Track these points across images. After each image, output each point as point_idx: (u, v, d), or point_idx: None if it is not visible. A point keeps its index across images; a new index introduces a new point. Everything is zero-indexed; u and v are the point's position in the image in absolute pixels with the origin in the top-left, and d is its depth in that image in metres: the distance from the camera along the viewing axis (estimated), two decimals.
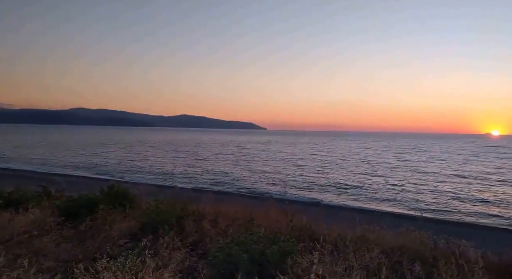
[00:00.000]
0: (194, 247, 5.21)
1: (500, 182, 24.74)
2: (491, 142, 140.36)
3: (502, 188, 22.30)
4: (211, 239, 5.45)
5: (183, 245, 4.99)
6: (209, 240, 5.41)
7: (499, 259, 5.13)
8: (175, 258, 4.34)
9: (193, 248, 5.15)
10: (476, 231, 11.57)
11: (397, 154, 53.17)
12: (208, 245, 5.00)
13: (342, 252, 5.07)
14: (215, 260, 4.01)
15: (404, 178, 25.89)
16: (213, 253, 4.15)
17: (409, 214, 13.93)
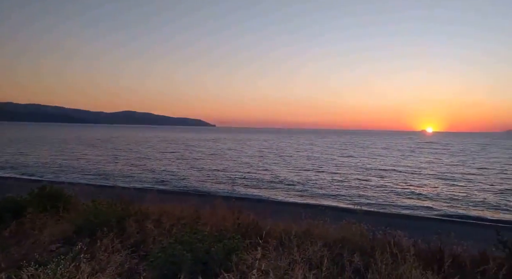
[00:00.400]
0: (135, 248, 4.97)
1: (431, 176, 26.97)
2: (425, 138, 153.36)
3: (433, 181, 24.32)
4: (154, 240, 5.25)
5: (123, 247, 4.74)
6: (152, 241, 5.19)
7: (428, 246, 5.55)
8: (114, 261, 4.10)
9: (135, 249, 4.92)
10: (410, 222, 12.49)
11: (341, 151, 55.76)
12: (150, 246, 4.79)
13: (287, 247, 5.16)
14: (157, 261, 3.86)
15: (348, 174, 27.17)
16: (155, 254, 3.98)
17: (351, 208, 14.69)
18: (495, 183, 23.37)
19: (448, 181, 24.43)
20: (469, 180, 24.97)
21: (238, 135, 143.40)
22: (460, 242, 5.73)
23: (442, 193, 19.83)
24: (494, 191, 20.62)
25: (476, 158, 45.00)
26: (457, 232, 6.15)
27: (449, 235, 5.84)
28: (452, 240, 5.69)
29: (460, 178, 25.97)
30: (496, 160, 41.93)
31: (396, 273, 4.10)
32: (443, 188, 21.55)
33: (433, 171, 30.28)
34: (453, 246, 5.55)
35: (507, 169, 31.93)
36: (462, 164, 36.89)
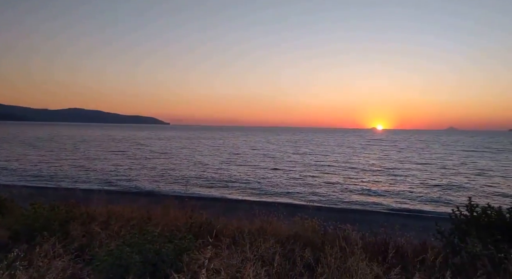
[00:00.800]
0: (80, 253, 4.69)
1: (380, 172, 28.43)
2: (375, 135, 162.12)
3: (382, 177, 25.66)
4: (101, 243, 4.99)
5: (66, 251, 4.46)
6: (98, 244, 4.93)
7: (375, 239, 5.85)
8: (55, 267, 3.84)
9: (79, 254, 4.65)
10: (359, 216, 13.11)
11: (296, 148, 56.99)
12: (96, 250, 4.55)
13: (240, 244, 5.17)
14: (103, 264, 3.67)
15: (302, 171, 27.83)
16: (101, 258, 3.78)
17: (304, 204, 15.10)
18: (436, 178, 25.13)
19: (395, 176, 25.90)
20: (414, 175, 26.63)
21: (193, 133, 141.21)
22: (404, 234, 6.13)
23: (389, 188, 20.99)
24: (435, 185, 22.16)
25: (421, 154, 48.28)
26: (401, 225, 6.57)
27: (394, 227, 6.22)
28: (397, 232, 6.07)
29: (406, 173, 27.62)
30: (437, 156, 45.32)
31: (344, 266, 4.26)
32: (391, 183, 22.83)
33: (382, 167, 31.98)
34: (397, 237, 5.90)
35: (447, 164, 34.62)
36: (408, 160, 39.27)
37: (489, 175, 27.03)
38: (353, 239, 5.61)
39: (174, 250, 4.11)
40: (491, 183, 23.17)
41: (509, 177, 26.27)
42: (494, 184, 22.82)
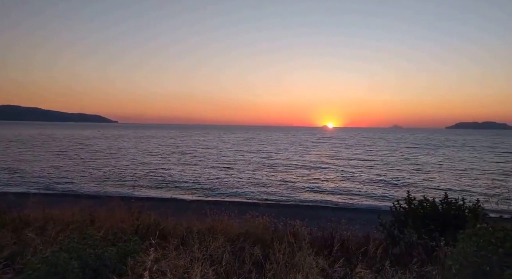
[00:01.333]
0: (10, 262, 4.28)
1: (329, 169, 29.50)
2: (326, 133, 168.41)
3: (331, 173, 26.69)
4: (35, 250, 4.60)
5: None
6: (32, 252, 4.54)
7: (322, 234, 6.03)
8: None
9: (9, 263, 4.23)
10: (309, 212, 13.51)
11: (249, 147, 57.23)
12: (29, 257, 4.18)
13: (189, 245, 5.06)
14: (36, 273, 3.36)
15: (255, 169, 28.04)
16: (33, 266, 3.47)
17: (255, 202, 15.22)
18: (381, 174, 26.62)
19: (343, 173, 27.01)
20: (361, 171, 27.95)
21: (143, 132, 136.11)
22: (350, 228, 6.40)
23: (338, 184, 21.86)
24: (380, 180, 23.48)
25: (368, 151, 50.89)
26: (348, 219, 6.84)
27: (340, 221, 6.48)
28: (343, 226, 6.32)
29: (354, 170, 28.91)
30: (383, 153, 48.02)
31: (292, 261, 4.34)
32: (339, 179, 23.78)
33: (331, 164, 33.19)
34: (343, 231, 6.15)
35: (391, 160, 36.78)
36: (356, 157, 41.16)
37: (427, 170, 29.18)
38: (301, 234, 5.75)
39: (118, 254, 3.90)
40: (429, 177, 25.01)
41: (444, 171, 28.56)
42: (431, 178, 24.68)
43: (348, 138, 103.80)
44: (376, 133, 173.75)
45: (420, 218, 5.29)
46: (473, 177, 25.12)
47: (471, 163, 34.94)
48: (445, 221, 5.11)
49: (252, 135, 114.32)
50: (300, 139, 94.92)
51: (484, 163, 35.30)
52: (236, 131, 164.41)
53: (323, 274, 4.07)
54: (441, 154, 46.66)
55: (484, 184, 21.85)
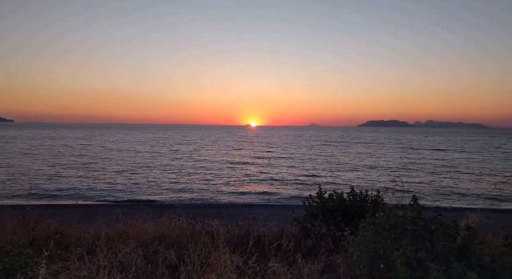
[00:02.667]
0: None
1: (250, 165, 29.92)
2: (249, 132, 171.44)
3: (251, 170, 27.03)
4: None
5: None
6: None
7: (239, 231, 6.08)
8: None
9: None
10: (228, 210, 13.54)
11: (170, 146, 55.26)
12: None
13: (96, 253, 4.65)
14: None
15: (174, 170, 27.15)
16: None
17: (172, 203, 14.77)
18: (298, 170, 27.82)
19: (262, 168, 27.65)
20: (280, 167, 29.05)
21: (46, 132, 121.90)
22: (267, 223, 6.57)
23: (256, 180, 22.38)
24: (298, 175, 24.63)
25: (287, 149, 53.03)
26: (265, 215, 7.01)
27: (257, 218, 6.61)
28: (260, 223, 6.46)
29: (273, 165, 29.90)
30: (302, 150, 50.48)
31: (207, 261, 4.28)
32: (258, 176, 24.33)
33: (252, 161, 33.81)
34: (260, 227, 6.29)
35: (308, 157, 38.76)
36: (275, 155, 42.45)
37: (341, 165, 31.54)
38: (218, 233, 5.73)
39: (4, 270, 3.38)
40: (342, 172, 27.04)
41: (355, 165, 31.04)
42: (342, 172, 26.81)
43: (269, 137, 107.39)
44: (297, 131, 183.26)
45: (329, 211, 5.66)
46: (377, 171, 27.87)
47: (377, 158, 38.79)
48: (351, 212, 5.56)
49: (172, 134, 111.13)
50: (223, 137, 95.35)
51: (388, 158, 39.46)
52: (157, 131, 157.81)
53: (238, 271, 4.09)
54: (354, 151, 51.09)
55: (387, 177, 24.39)
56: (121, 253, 4.64)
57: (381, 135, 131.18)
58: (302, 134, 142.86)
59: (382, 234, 3.51)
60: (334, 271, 4.07)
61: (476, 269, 2.77)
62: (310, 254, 4.77)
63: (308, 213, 5.87)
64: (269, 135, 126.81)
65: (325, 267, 4.14)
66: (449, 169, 29.01)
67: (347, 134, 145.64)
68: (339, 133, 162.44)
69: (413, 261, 2.98)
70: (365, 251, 3.51)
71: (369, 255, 3.46)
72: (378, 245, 3.46)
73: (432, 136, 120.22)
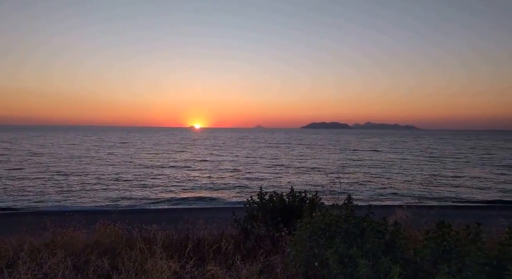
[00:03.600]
0: None
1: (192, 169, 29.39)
2: (193, 134, 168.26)
3: (193, 173, 26.60)
4: None
5: None
6: None
7: (178, 236, 5.92)
8: None
9: None
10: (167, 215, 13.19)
11: (109, 149, 52.38)
12: None
13: (17, 266, 4.23)
14: None
15: (109, 173, 25.79)
16: None
17: (107, 209, 13.97)
18: (241, 172, 28.02)
19: (205, 173, 27.36)
20: (222, 170, 28.96)
21: None
22: (207, 227, 6.48)
23: (198, 184, 22.02)
24: (241, 177, 24.76)
25: (232, 151, 52.95)
26: (206, 218, 6.91)
27: (198, 222, 6.49)
28: (201, 226, 6.35)
29: (215, 169, 29.64)
30: (245, 151, 50.74)
31: (143, 268, 4.10)
32: (200, 179, 23.98)
33: (195, 164, 33.29)
34: (200, 231, 6.18)
35: (251, 159, 39.09)
36: (221, 156, 42.18)
37: (283, 166, 32.21)
38: (155, 239, 5.53)
39: None
40: (284, 173, 27.71)
41: (296, 167, 31.98)
42: (285, 174, 27.43)
43: (213, 139, 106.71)
44: (242, 133, 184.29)
45: (269, 212, 5.73)
46: (318, 172, 28.95)
47: (318, 159, 40.29)
48: (290, 213, 5.69)
49: (110, 137, 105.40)
50: (165, 140, 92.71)
51: (328, 159, 41.16)
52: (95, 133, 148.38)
53: (175, 277, 3.97)
54: (296, 152, 52.56)
55: (326, 178, 25.41)
56: (47, 264, 4.28)
57: (322, 137, 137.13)
58: (246, 135, 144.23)
59: (318, 233, 3.63)
60: (272, 271, 4.12)
61: (400, 262, 2.97)
62: (249, 256, 4.79)
63: (249, 214, 5.90)
64: (213, 137, 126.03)
65: (264, 268, 4.18)
66: (384, 169, 31.10)
67: (290, 135, 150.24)
68: (283, 135, 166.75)
69: (345, 258, 3.11)
70: (301, 250, 3.60)
71: (305, 254, 3.55)
72: (313, 244, 3.57)
73: (368, 138, 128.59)
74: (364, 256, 2.99)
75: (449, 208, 15.42)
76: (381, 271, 2.88)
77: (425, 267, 3.06)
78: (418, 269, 3.10)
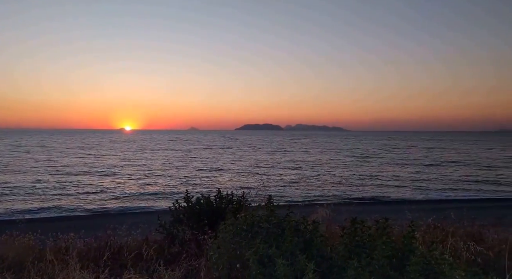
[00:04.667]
0: None
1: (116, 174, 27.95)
2: (123, 136, 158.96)
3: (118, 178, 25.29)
4: None
5: None
6: None
7: (98, 243, 5.51)
8: None
9: None
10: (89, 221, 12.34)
11: (22, 153, 47.48)
12: None
13: None
14: None
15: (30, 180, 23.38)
16: None
17: (11, 219, 12.52)
18: (171, 176, 27.27)
19: (131, 176, 26.19)
20: (150, 174, 27.92)
21: None
22: (130, 233, 6.14)
23: (124, 189, 20.89)
24: (168, 182, 24.02)
25: (163, 154, 51.24)
26: (130, 223, 6.53)
27: (121, 228, 6.12)
28: (124, 232, 5.99)
29: (143, 173, 28.49)
30: (178, 154, 49.64)
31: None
32: (125, 184, 22.80)
33: (119, 169, 31.61)
34: (123, 237, 5.82)
35: (185, 161, 38.18)
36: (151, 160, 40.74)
37: (215, 169, 32.07)
38: (69, 248, 5.12)
39: None
40: (215, 176, 27.57)
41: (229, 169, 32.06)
42: (216, 176, 27.30)
43: (144, 141, 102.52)
44: (174, 135, 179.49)
45: (196, 215, 5.62)
46: (248, 173, 29.30)
47: (249, 161, 40.83)
48: (217, 215, 5.64)
49: (28, 140, 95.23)
50: (91, 142, 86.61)
51: (260, 160, 41.91)
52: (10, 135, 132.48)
53: None
54: (232, 153, 52.71)
55: (256, 179, 25.82)
56: None
57: (256, 138, 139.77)
58: (179, 137, 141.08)
59: (241, 234, 3.64)
60: (197, 275, 4.04)
61: (316, 260, 3.09)
62: (174, 261, 4.65)
63: (174, 218, 5.72)
64: (144, 139, 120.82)
65: (188, 272, 4.08)
66: (313, 169, 32.62)
67: (224, 137, 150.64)
68: (217, 136, 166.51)
69: (264, 258, 3.15)
70: (224, 252, 3.58)
71: (227, 256, 3.53)
72: (236, 246, 3.57)
73: (299, 139, 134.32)
74: (282, 255, 3.06)
75: (367, 204, 16.71)
76: (298, 269, 2.96)
77: (339, 262, 3.23)
78: (333, 265, 3.26)
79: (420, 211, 8.00)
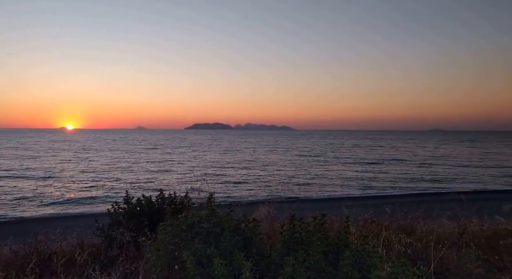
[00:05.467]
0: None
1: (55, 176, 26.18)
2: (64, 136, 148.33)
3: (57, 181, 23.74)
4: None
5: None
6: None
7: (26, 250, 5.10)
8: None
9: None
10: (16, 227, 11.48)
11: None
12: None
13: None
14: None
15: None
16: None
17: None
18: (111, 177, 26.21)
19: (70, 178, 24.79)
20: (90, 175, 26.50)
21: None
22: (65, 237, 5.76)
23: (61, 191, 19.68)
24: (106, 183, 23.11)
25: (108, 154, 48.94)
26: (65, 227, 6.13)
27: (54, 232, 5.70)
28: (58, 237, 5.59)
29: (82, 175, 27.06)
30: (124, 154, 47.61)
31: None
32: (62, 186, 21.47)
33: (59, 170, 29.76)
34: (57, 242, 5.45)
35: (130, 160, 36.84)
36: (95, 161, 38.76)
37: (161, 170, 31.23)
38: None
39: None
40: (160, 177, 26.86)
41: (174, 171, 31.41)
42: (161, 177, 26.61)
43: (86, 141, 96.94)
44: (119, 135, 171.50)
45: (136, 216, 5.40)
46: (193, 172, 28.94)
47: (196, 160, 40.36)
48: (159, 216, 5.46)
49: None
50: (29, 143, 79.86)
51: (208, 159, 41.60)
52: None
53: None
54: (179, 153, 51.55)
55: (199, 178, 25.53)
56: None
57: (205, 137, 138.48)
58: (124, 137, 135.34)
59: (181, 235, 3.56)
60: (135, 278, 3.89)
61: (255, 258, 3.12)
62: (112, 265, 4.42)
63: (113, 220, 5.45)
64: (86, 139, 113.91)
65: (125, 276, 3.92)
66: (261, 168, 33.01)
67: (173, 136, 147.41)
68: (165, 135, 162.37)
69: (203, 258, 3.12)
70: (163, 254, 3.48)
71: (166, 258, 3.44)
72: (175, 247, 3.49)
73: (248, 138, 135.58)
74: (220, 255, 3.04)
75: (309, 202, 17.32)
76: (235, 269, 2.97)
77: (277, 260, 3.28)
78: (271, 262, 3.31)
79: (360, 207, 8.45)
